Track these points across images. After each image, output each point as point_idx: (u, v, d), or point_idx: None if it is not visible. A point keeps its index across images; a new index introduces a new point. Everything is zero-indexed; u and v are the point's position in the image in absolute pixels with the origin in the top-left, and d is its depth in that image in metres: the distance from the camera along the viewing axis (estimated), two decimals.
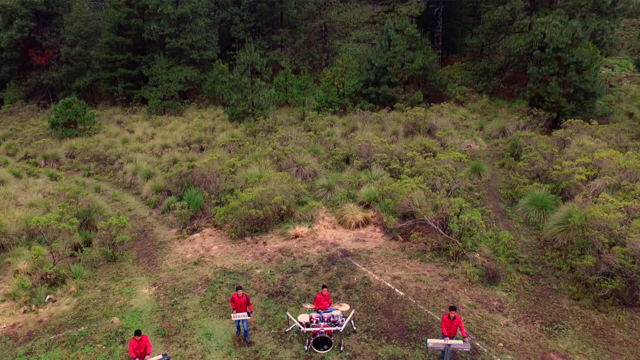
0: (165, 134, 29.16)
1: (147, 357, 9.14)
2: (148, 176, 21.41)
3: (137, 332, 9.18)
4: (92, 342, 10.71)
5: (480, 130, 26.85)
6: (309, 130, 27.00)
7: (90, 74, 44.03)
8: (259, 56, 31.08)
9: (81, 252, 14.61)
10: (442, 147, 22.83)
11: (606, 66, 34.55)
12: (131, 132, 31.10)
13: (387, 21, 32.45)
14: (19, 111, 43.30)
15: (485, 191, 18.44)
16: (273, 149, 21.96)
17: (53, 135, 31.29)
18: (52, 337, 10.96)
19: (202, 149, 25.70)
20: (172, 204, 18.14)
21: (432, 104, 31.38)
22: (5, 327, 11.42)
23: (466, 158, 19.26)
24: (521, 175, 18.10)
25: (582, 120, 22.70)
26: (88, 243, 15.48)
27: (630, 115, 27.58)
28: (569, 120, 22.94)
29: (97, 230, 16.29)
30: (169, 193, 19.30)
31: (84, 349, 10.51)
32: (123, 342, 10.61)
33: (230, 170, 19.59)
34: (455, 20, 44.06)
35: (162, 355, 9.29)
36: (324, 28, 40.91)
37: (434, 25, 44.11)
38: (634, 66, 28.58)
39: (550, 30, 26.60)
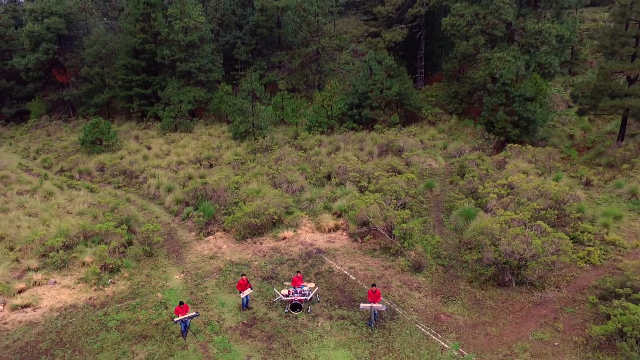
0: (179, 150, 35.00)
1: (186, 314, 14.86)
2: (169, 189, 27.24)
3: (181, 303, 14.93)
4: (145, 308, 16.49)
5: (443, 149, 32.56)
6: (301, 149, 32.84)
7: (108, 91, 49.89)
8: (259, 84, 36.87)
9: (127, 249, 20.43)
10: (407, 166, 28.57)
11: (563, 87, 40.16)
12: (149, 148, 36.93)
13: (370, 52, 38.25)
14: (44, 125, 49.28)
15: (432, 203, 24.17)
16: (269, 168, 27.79)
17: (82, 150, 37.14)
18: (118, 305, 16.76)
19: (211, 166, 31.52)
20: (190, 213, 23.94)
21: (407, 125, 37.14)
22: (84, 299, 17.22)
23: (417, 178, 24.99)
24: (459, 192, 23.81)
25: (519, 145, 28.43)
26: (130, 243, 21.28)
27: (571, 136, 33.25)
28: (509, 144, 28.68)
29: (135, 233, 22.11)
30: (187, 204, 25.10)
31: (140, 312, 16.30)
32: (166, 308, 16.38)
33: (234, 186, 25.41)
34: (437, 43, 49.76)
35: (195, 312, 15.06)
36: (317, 52, 46.59)
37: (417, 47, 49.93)
38: (570, 97, 34.07)
39: (503, 64, 32.25)
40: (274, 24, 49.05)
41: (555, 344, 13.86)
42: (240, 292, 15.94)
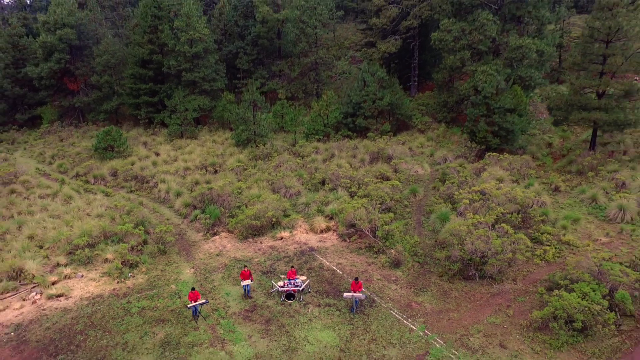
0: (185, 157, 38.05)
1: (198, 300, 17.86)
2: (178, 194, 30.30)
3: (193, 289, 17.96)
4: (161, 297, 19.51)
5: (430, 156, 35.53)
6: (298, 156, 35.87)
7: (116, 98, 52.98)
8: (259, 94, 39.90)
9: (143, 247, 23.47)
10: (395, 173, 31.55)
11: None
12: (157, 154, 39.99)
13: (364, 65, 41.30)
14: (56, 131, 52.45)
15: (415, 207, 27.14)
16: (269, 174, 30.82)
17: (95, 156, 40.20)
18: (138, 295, 19.80)
19: (215, 172, 34.56)
20: (198, 216, 26.98)
21: (398, 132, 40.14)
22: (109, 290, 20.27)
23: (403, 184, 27.98)
24: (439, 197, 26.78)
25: (497, 154, 31.37)
26: (145, 242, 24.31)
27: (550, 144, 36.16)
28: (488, 153, 31.63)
29: (149, 233, 25.16)
30: (195, 207, 28.13)
31: (158, 300, 19.32)
32: (179, 298, 19.40)
33: (237, 191, 28.44)
34: (430, 53, 52.63)
35: (205, 300, 18.06)
36: (315, 62, 49.60)
37: (411, 57, 52.95)
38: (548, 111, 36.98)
39: (486, 77, 35.16)
40: (274, 35, 52.13)
41: (505, 326, 16.83)
42: (241, 281, 18.95)
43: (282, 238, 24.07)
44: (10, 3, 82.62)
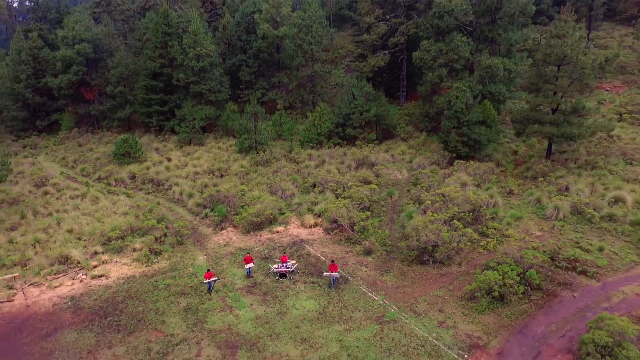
0: (194, 162, 43.80)
1: (211, 278, 23.58)
2: (190, 195, 36.05)
3: (208, 269, 23.72)
4: (182, 277, 25.24)
5: (410, 162, 41.13)
6: (294, 162, 41.59)
7: (129, 107, 58.76)
8: (260, 106, 45.63)
9: (164, 239, 29.21)
10: (376, 177, 37.21)
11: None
12: (169, 160, 45.74)
13: (353, 80, 47.01)
14: (75, 137, 58.32)
15: (390, 207, 32.81)
16: (268, 179, 36.55)
17: (114, 161, 45.98)
18: (163, 275, 25.55)
19: (221, 176, 40.30)
20: (208, 213, 32.70)
21: (384, 140, 45.84)
22: (140, 272, 26.02)
23: (382, 187, 33.66)
24: (409, 199, 32.44)
25: (464, 161, 37.01)
26: (165, 235, 30.03)
27: (515, 152, 41.70)
28: (457, 160, 37.27)
29: (168, 228, 30.89)
30: (205, 207, 33.86)
31: (179, 279, 25.07)
32: (196, 277, 25.12)
33: (241, 193, 34.16)
34: (416, 66, 58.21)
35: (217, 277, 23.80)
36: (311, 75, 55.30)
37: (400, 69, 58.55)
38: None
39: (459, 93, 40.74)
40: (274, 49, 57.86)
41: (445, 297, 22.50)
42: (246, 264, 24.70)
43: (277, 232, 29.80)
44: (24, 12, 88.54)
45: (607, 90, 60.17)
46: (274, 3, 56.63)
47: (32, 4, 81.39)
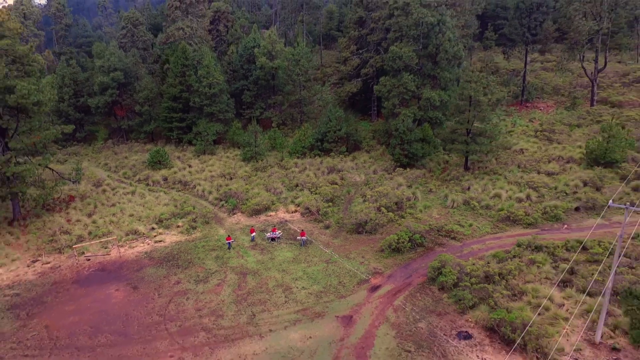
0: (210, 168, 61.23)
1: (230, 240, 40.94)
2: (209, 192, 53.49)
3: (228, 235, 41.24)
4: (211, 241, 42.69)
5: (368, 169, 58.51)
6: (283, 168, 59.04)
7: (153, 123, 76.27)
8: (257, 122, 63.15)
9: (197, 219, 46.65)
10: (341, 180, 54.60)
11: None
12: (190, 166, 63.17)
13: (329, 107, 64.46)
14: (110, 147, 75.77)
15: (347, 200, 50.20)
16: (264, 180, 54.06)
17: (148, 167, 63.34)
18: (199, 240, 43.06)
19: (231, 178, 57.72)
20: (223, 204, 50.14)
21: (353, 152, 63.28)
22: (184, 239, 43.63)
23: (343, 187, 51.13)
24: (359, 195, 49.85)
25: (403, 169, 54.45)
26: (196, 218, 47.38)
27: (447, 162, 59.09)
28: (399, 169, 54.71)
29: (197, 213, 48.23)
30: (221, 200, 51.27)
31: (209, 243, 42.54)
32: (219, 241, 42.53)
33: (245, 190, 51.63)
34: None
35: (233, 239, 41.23)
36: (299, 99, 72.79)
37: (371, 93, 76.03)
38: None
39: (403, 118, 58.05)
40: (270, 77, 75.39)
41: (367, 251, 39.87)
42: (250, 234, 42.17)
43: (270, 215, 47.25)
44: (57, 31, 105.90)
45: (541, 109, 78.06)
46: (270, 40, 74.08)
47: (64, 30, 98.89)
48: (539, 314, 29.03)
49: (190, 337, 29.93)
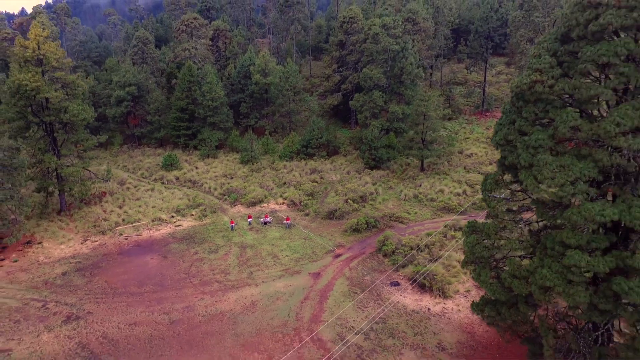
0: (213, 169, 76.69)
1: (233, 224, 56.36)
2: (215, 189, 68.98)
3: (231, 220, 56.71)
4: (219, 225, 58.17)
5: (343, 170, 73.99)
6: (274, 169, 74.60)
7: (163, 130, 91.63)
8: (252, 131, 78.69)
9: (206, 210, 62.08)
10: (320, 179, 70.14)
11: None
12: (197, 168, 78.59)
13: (313, 117, 80.00)
14: (125, 151, 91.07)
15: (324, 194, 65.73)
16: (259, 179, 69.66)
17: (162, 169, 78.65)
18: (209, 225, 58.50)
19: (231, 177, 73.17)
20: (226, 198, 65.60)
21: (332, 156, 78.86)
22: (198, 224, 59.23)
23: (322, 184, 66.79)
24: (334, 191, 65.40)
25: (370, 170, 70.08)
26: (205, 208, 62.74)
27: (408, 164, 74.66)
28: (367, 170, 70.34)
29: (206, 205, 63.64)
30: (224, 194, 66.75)
31: (217, 226, 58.10)
32: (224, 225, 57.98)
33: (244, 187, 67.13)
34: None
35: (235, 222, 56.70)
36: (288, 111, 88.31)
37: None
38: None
39: (371, 128, 73.54)
40: (264, 91, 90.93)
41: (335, 231, 55.45)
42: (248, 219, 57.69)
43: (263, 206, 62.82)
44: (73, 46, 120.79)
45: (498, 118, 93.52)
46: (263, 60, 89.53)
47: (79, 46, 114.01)
48: (447, 270, 44.66)
49: (207, 287, 45.31)
